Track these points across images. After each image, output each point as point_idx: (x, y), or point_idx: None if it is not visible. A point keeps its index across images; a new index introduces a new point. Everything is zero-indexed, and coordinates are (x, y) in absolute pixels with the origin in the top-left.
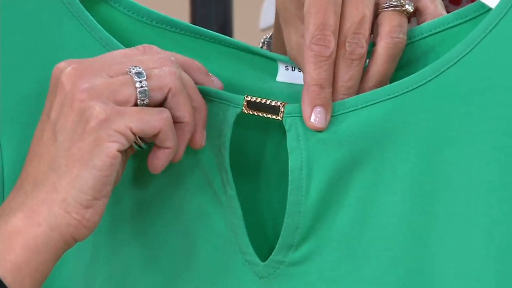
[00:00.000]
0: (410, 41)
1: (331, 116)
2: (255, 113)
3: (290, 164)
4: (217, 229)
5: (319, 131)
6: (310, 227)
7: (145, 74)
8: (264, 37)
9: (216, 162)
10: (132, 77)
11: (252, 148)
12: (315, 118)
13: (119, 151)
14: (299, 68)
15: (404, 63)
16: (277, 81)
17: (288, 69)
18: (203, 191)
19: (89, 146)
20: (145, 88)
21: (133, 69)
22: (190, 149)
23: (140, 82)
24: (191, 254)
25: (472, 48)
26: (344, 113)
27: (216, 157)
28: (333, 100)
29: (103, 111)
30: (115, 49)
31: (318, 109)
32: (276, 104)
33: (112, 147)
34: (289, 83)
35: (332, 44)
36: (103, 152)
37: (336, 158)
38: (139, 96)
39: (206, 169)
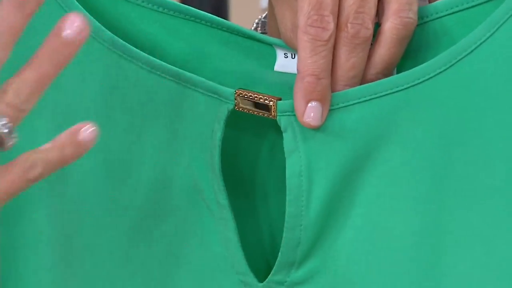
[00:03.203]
0: (422, 22)
1: (331, 109)
2: (246, 110)
3: (287, 170)
4: (208, 245)
5: (314, 129)
6: (313, 242)
7: None
8: (259, 17)
9: (206, 167)
10: None
11: (245, 149)
12: (310, 114)
13: None
14: None
15: (414, 47)
16: (275, 71)
17: (287, 57)
18: (191, 201)
19: None
20: None
21: None
22: (180, 154)
23: None
24: (177, 274)
25: (493, 33)
26: (345, 106)
27: (206, 160)
28: (332, 92)
29: None
30: (95, 33)
31: (313, 103)
32: (267, 102)
33: None
34: (289, 73)
35: (331, 26)
36: None
37: (340, 161)
38: None
39: (195, 175)
